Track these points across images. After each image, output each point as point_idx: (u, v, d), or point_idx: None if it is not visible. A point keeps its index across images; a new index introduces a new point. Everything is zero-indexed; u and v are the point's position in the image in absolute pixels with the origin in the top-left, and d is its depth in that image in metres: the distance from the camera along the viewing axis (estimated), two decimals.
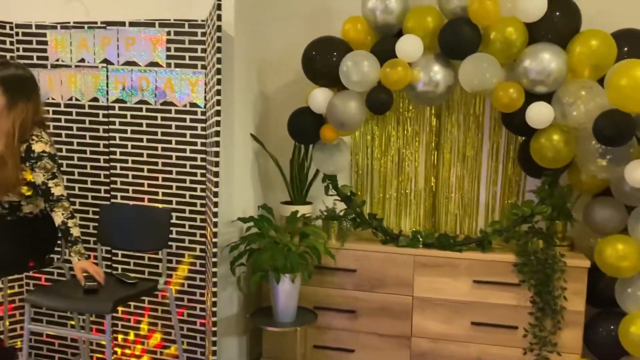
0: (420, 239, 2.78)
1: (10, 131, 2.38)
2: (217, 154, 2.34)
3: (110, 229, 2.72)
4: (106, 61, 2.81)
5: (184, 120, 2.77)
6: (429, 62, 2.59)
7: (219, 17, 2.27)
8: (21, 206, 2.47)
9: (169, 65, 2.75)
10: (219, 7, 2.26)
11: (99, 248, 2.74)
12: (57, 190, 2.39)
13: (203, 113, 2.75)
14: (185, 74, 2.74)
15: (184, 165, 2.79)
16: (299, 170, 2.97)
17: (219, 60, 2.29)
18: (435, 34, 2.57)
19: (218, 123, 2.32)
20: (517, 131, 2.71)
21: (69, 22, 2.83)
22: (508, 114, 2.58)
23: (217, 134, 2.33)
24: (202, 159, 2.76)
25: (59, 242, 2.65)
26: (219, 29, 2.27)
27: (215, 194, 2.34)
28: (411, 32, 2.58)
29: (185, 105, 2.76)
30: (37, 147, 2.39)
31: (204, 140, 2.76)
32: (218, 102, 2.31)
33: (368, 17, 2.68)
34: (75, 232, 2.38)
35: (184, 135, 2.77)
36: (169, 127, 2.78)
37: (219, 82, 2.30)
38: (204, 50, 2.71)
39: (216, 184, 2.34)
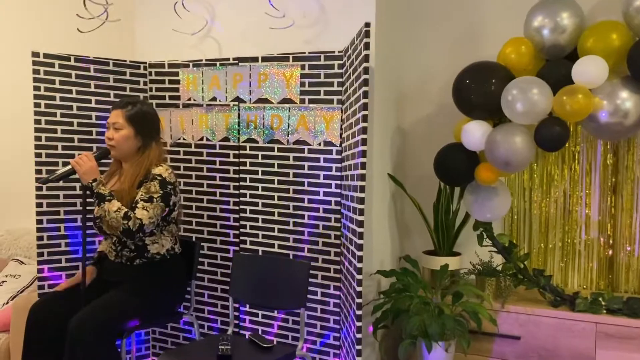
0: (603, 303, 2.27)
1: (137, 174, 2.28)
2: (361, 201, 2.04)
3: (243, 283, 2.47)
4: (238, 99, 2.66)
5: (318, 160, 2.52)
6: (615, 88, 2.13)
7: (367, 46, 1.99)
8: (147, 246, 2.32)
9: (302, 101, 2.54)
10: (367, 33, 1.98)
11: (230, 298, 2.53)
12: (140, 213, 2.16)
13: (338, 152, 2.49)
14: (320, 110, 2.51)
15: (317, 209, 2.53)
16: (444, 216, 2.59)
17: (365, 94, 2.00)
18: (622, 54, 2.12)
19: (363, 165, 2.02)
20: None
21: (200, 60, 2.73)
22: None
23: (362, 177, 2.03)
24: (337, 203, 2.49)
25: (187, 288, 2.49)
26: (366, 58, 1.99)
27: (360, 247, 2.03)
28: (590, 52, 2.15)
29: (319, 144, 2.52)
30: (156, 170, 2.28)
31: (338, 182, 2.49)
32: (363, 142, 2.02)
33: (533, 37, 2.29)
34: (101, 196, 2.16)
35: (317, 176, 2.52)
36: (302, 167, 2.55)
37: (364, 118, 2.01)
38: (340, 84, 2.47)
39: (360, 235, 2.03)
